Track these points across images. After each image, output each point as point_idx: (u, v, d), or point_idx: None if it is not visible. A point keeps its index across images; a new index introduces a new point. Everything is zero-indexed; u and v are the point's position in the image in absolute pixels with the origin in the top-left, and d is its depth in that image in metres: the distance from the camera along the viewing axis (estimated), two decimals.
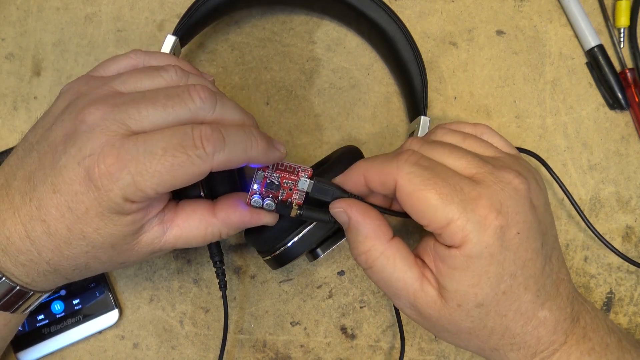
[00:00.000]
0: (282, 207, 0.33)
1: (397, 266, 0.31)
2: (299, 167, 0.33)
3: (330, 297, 0.42)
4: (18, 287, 0.30)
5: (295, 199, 0.33)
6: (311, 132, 0.44)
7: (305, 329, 0.42)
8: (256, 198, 0.32)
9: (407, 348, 0.41)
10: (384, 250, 0.31)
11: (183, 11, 0.40)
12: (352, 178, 0.33)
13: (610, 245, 0.41)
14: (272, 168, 0.33)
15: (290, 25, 0.45)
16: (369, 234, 0.31)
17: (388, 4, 0.42)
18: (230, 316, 0.41)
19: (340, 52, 0.45)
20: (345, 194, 0.33)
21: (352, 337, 0.42)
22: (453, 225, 0.29)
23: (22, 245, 0.29)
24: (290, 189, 0.33)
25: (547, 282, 0.31)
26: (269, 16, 0.45)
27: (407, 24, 0.41)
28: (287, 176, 0.33)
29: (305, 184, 0.33)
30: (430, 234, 0.31)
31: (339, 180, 0.34)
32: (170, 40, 0.39)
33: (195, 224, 0.32)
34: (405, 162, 0.30)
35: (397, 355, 0.41)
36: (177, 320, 0.41)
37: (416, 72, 0.41)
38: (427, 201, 0.29)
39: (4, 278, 0.29)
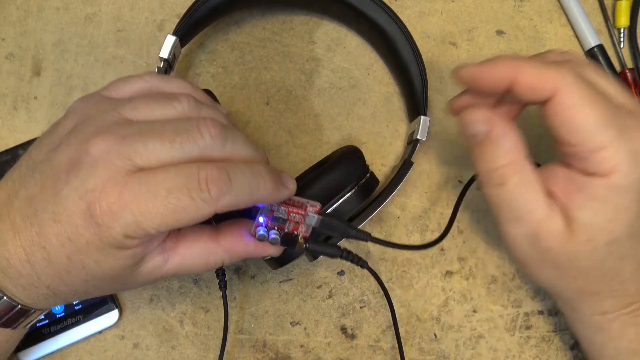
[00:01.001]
0: (288, 240, 0.32)
1: (530, 188, 0.29)
2: (307, 202, 0.32)
3: (330, 297, 0.42)
4: (20, 306, 0.30)
5: (302, 231, 0.32)
6: (311, 132, 0.44)
7: (305, 329, 0.42)
8: (262, 232, 0.31)
9: (407, 348, 0.41)
10: (522, 168, 0.29)
11: (183, 11, 0.40)
12: (496, 70, 0.30)
13: None
14: (279, 203, 0.32)
15: (290, 25, 0.45)
16: (510, 148, 0.29)
17: (388, 4, 0.42)
18: (230, 316, 0.41)
19: (340, 52, 0.45)
20: (352, 230, 0.32)
21: (352, 337, 0.42)
22: (606, 151, 0.27)
23: (22, 269, 0.28)
24: (297, 222, 0.32)
25: None
26: (269, 16, 0.45)
27: (407, 24, 0.41)
28: (294, 210, 0.32)
29: (313, 219, 0.32)
30: (559, 163, 0.29)
31: (476, 68, 0.31)
32: (170, 40, 0.39)
33: (198, 252, 0.31)
34: (570, 72, 0.28)
35: (397, 356, 0.41)
36: (177, 320, 0.41)
37: (416, 72, 0.41)
38: (587, 119, 0.27)
39: (5, 297, 0.29)
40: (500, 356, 0.42)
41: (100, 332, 0.41)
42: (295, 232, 0.32)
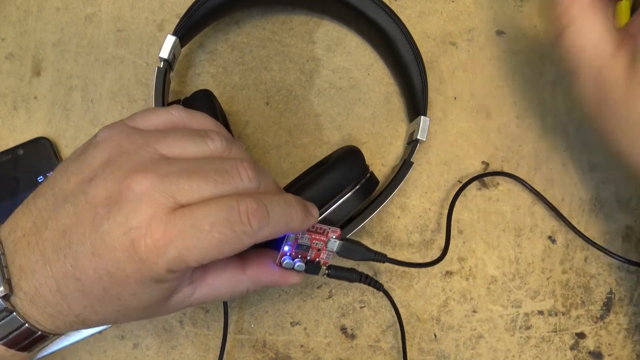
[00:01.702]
0: (312, 267, 0.34)
1: (597, 26, 0.29)
2: (329, 228, 0.34)
3: (330, 297, 0.42)
4: (40, 333, 0.30)
5: (323, 258, 0.34)
6: (311, 132, 0.44)
7: (305, 329, 0.42)
8: (287, 260, 0.33)
9: (407, 348, 0.41)
10: (589, 3, 0.29)
11: (183, 11, 0.40)
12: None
13: (605, 248, 0.41)
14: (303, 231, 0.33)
15: (290, 25, 0.45)
16: None
17: (388, 4, 0.42)
18: (230, 316, 0.41)
19: (340, 52, 0.45)
20: (371, 253, 0.35)
21: (352, 337, 0.42)
22: None
23: (51, 298, 0.28)
24: (319, 249, 0.34)
25: None
26: (269, 16, 0.45)
27: (407, 24, 0.41)
28: (317, 237, 0.33)
29: (334, 244, 0.34)
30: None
31: None
32: (170, 40, 0.39)
33: (225, 282, 0.32)
34: None
35: (398, 356, 0.41)
36: (177, 320, 0.41)
37: (416, 72, 0.41)
38: None
39: (26, 325, 0.29)
40: (500, 356, 0.42)
41: (100, 332, 0.41)
42: (318, 259, 0.34)
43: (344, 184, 0.35)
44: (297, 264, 0.33)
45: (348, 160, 0.36)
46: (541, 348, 0.42)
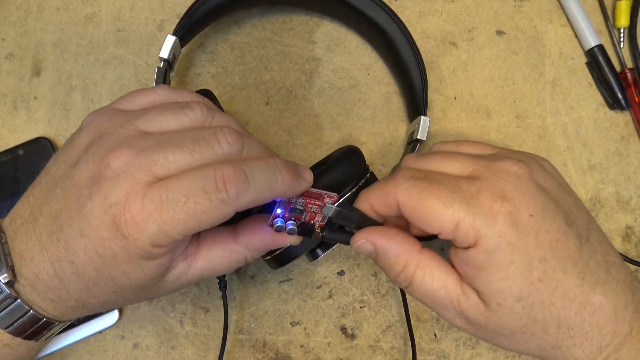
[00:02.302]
0: (305, 229, 0.33)
1: (435, 274, 0.30)
2: (325, 193, 0.32)
3: (330, 297, 0.42)
4: (45, 319, 0.30)
5: (318, 221, 0.33)
6: (311, 132, 0.44)
7: (305, 329, 0.42)
8: (279, 223, 0.32)
9: (407, 348, 0.41)
10: (419, 262, 0.31)
11: (183, 11, 0.40)
12: (360, 207, 0.33)
13: None
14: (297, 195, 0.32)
15: (290, 25, 0.45)
16: (398, 251, 0.31)
17: (388, 4, 0.42)
18: (230, 316, 0.41)
19: (340, 52, 0.45)
20: (367, 219, 0.33)
21: (352, 337, 0.42)
22: (462, 224, 0.28)
23: (50, 283, 0.29)
24: (314, 212, 0.33)
25: (591, 264, 0.29)
26: (269, 16, 0.45)
27: (407, 24, 0.41)
28: (311, 202, 0.32)
29: (330, 210, 0.32)
30: (451, 245, 0.31)
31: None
32: (170, 40, 0.39)
33: (219, 253, 0.31)
34: (401, 179, 0.30)
35: (398, 355, 0.41)
36: (177, 320, 0.41)
37: (416, 72, 0.41)
38: (430, 208, 0.29)
39: (31, 311, 0.29)
40: (500, 356, 0.42)
41: (100, 332, 0.41)
42: (312, 222, 0.33)
43: (344, 184, 0.35)
44: (290, 226, 0.32)
45: (348, 160, 0.36)
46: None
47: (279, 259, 0.35)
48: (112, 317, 0.40)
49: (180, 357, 0.41)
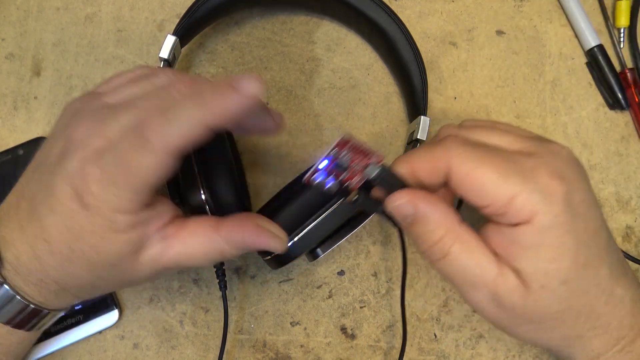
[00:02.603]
0: (342, 191, 0.30)
1: (474, 250, 0.29)
2: (374, 151, 0.31)
3: (330, 297, 0.42)
4: (32, 306, 0.30)
5: (354, 182, 0.30)
6: (311, 132, 0.44)
7: (305, 329, 0.42)
8: (320, 178, 0.30)
9: (407, 348, 0.41)
10: (458, 235, 0.29)
11: (183, 11, 0.40)
12: (401, 172, 0.31)
13: None
14: (348, 148, 0.30)
15: (290, 25, 0.45)
16: (441, 220, 0.29)
17: (388, 4, 0.42)
18: (230, 316, 0.41)
19: (340, 52, 0.45)
20: (405, 187, 0.30)
21: (352, 337, 0.42)
22: (518, 199, 0.27)
23: (30, 265, 0.29)
24: (354, 172, 0.30)
25: (615, 257, 0.29)
26: (269, 16, 0.45)
27: (407, 24, 0.41)
28: (358, 158, 0.30)
29: (374, 170, 0.30)
30: (488, 222, 0.29)
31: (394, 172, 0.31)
32: (170, 40, 0.39)
33: (199, 240, 0.31)
34: (453, 143, 0.29)
35: (397, 356, 0.41)
36: (177, 320, 0.41)
37: (416, 72, 0.41)
38: (486, 178, 0.27)
39: (17, 297, 0.29)
40: (500, 356, 0.42)
41: (100, 332, 0.41)
42: (348, 183, 0.30)
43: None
44: (330, 183, 0.30)
45: None
46: (541, 348, 0.42)
47: (279, 259, 0.35)
48: (112, 317, 0.40)
49: (180, 357, 0.41)
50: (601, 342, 0.30)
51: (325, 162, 0.30)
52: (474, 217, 0.31)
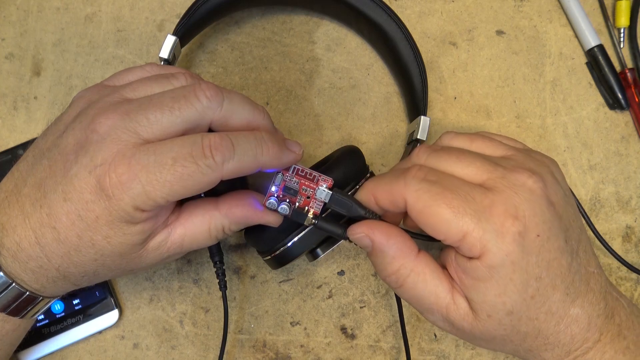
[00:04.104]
0: (298, 214, 0.33)
1: (428, 281, 0.30)
2: (320, 176, 0.33)
3: (330, 297, 0.42)
4: (28, 293, 0.30)
5: (313, 207, 0.33)
6: (311, 132, 0.44)
7: (305, 329, 0.42)
8: (272, 200, 0.32)
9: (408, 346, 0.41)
10: (413, 267, 0.31)
11: (183, 11, 0.40)
12: (363, 199, 0.32)
13: (611, 249, 0.41)
14: (292, 172, 0.33)
15: (290, 25, 0.45)
16: (396, 253, 0.31)
17: (388, 4, 0.42)
18: (230, 316, 0.41)
19: (340, 52, 0.45)
20: (363, 209, 0.32)
21: (352, 337, 0.42)
22: (469, 237, 0.28)
23: (32, 251, 0.29)
24: (308, 197, 0.33)
25: (576, 279, 0.30)
26: (269, 16, 0.45)
27: (407, 24, 0.41)
28: (306, 183, 0.32)
29: (323, 194, 0.32)
30: (451, 246, 0.31)
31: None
32: (170, 40, 0.39)
33: (199, 219, 0.32)
34: (413, 179, 0.30)
35: (397, 355, 0.41)
36: (177, 320, 0.41)
37: (416, 72, 0.41)
38: (440, 216, 0.28)
39: (14, 284, 0.30)
40: (500, 356, 0.42)
41: (100, 332, 0.41)
42: (307, 207, 0.33)
43: (345, 184, 0.35)
44: (282, 206, 0.32)
45: (348, 160, 0.36)
46: None
47: (279, 259, 0.35)
48: (112, 317, 0.40)
49: (180, 357, 0.41)
50: (551, 355, 0.31)
51: (274, 187, 0.32)
52: None
